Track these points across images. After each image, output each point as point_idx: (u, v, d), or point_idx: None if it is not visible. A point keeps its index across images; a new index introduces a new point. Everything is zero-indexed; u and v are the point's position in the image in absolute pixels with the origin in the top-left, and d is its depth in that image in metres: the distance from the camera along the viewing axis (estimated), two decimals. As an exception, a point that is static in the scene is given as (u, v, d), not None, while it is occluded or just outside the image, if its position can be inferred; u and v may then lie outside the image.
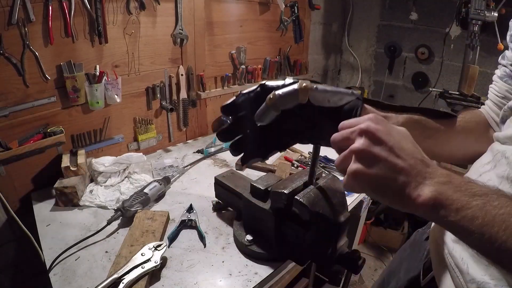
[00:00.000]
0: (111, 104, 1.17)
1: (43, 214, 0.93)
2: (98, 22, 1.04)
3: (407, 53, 2.09)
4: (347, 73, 2.47)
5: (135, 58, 1.20)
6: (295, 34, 1.85)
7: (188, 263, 0.76)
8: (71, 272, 0.72)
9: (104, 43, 1.09)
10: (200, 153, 1.35)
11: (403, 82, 2.16)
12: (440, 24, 1.87)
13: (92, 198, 0.97)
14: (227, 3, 1.47)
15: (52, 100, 1.02)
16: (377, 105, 0.55)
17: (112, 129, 1.22)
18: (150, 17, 1.19)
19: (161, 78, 1.31)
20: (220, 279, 0.72)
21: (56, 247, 0.79)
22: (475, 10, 1.41)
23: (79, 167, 1.00)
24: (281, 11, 1.68)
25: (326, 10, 2.09)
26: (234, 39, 1.55)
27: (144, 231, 0.81)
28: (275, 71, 1.77)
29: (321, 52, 2.24)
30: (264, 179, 0.80)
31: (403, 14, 2.02)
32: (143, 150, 1.33)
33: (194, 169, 1.23)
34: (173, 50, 1.31)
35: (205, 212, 0.95)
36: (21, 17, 0.89)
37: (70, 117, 1.09)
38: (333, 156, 1.31)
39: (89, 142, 1.16)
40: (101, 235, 0.83)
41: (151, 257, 0.70)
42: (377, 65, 2.28)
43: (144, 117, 1.31)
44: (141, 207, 0.91)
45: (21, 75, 0.94)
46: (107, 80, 1.11)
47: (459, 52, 1.80)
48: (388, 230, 2.11)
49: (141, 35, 1.19)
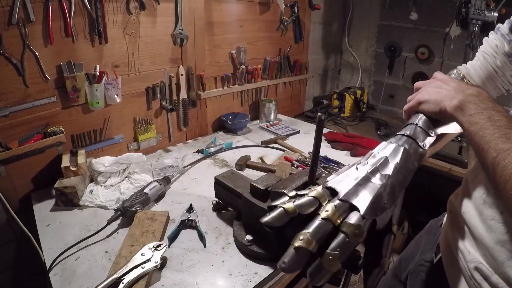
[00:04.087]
0: (111, 104, 1.17)
1: (43, 214, 0.93)
2: (98, 22, 1.04)
3: (407, 53, 2.09)
4: (347, 73, 2.47)
5: (135, 58, 1.20)
6: (295, 34, 1.85)
7: (188, 263, 0.76)
8: (71, 272, 0.72)
9: (104, 43, 1.09)
10: (200, 153, 1.35)
11: (403, 82, 2.16)
12: (440, 24, 1.87)
13: (92, 198, 0.97)
14: (227, 3, 1.47)
15: (52, 100, 1.02)
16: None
17: (112, 129, 1.22)
18: (150, 17, 1.19)
19: (161, 78, 1.31)
20: (220, 279, 0.72)
21: (56, 247, 0.79)
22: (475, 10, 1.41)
23: (79, 167, 1.00)
24: (281, 11, 1.68)
25: (326, 10, 2.09)
26: (234, 39, 1.55)
27: (144, 231, 0.81)
28: (275, 71, 1.77)
29: (321, 52, 2.24)
30: (264, 179, 0.80)
31: (403, 14, 2.02)
32: (143, 150, 1.33)
33: (194, 169, 1.23)
34: (173, 50, 1.31)
35: (205, 212, 0.95)
36: (21, 17, 0.89)
37: (70, 117, 1.09)
38: (333, 157, 1.31)
39: (89, 142, 1.16)
40: (101, 235, 0.83)
41: (151, 257, 0.70)
42: (377, 65, 2.28)
43: (144, 117, 1.31)
44: (141, 207, 0.91)
45: (21, 75, 0.94)
46: (107, 80, 1.11)
47: (459, 52, 1.80)
48: (388, 230, 2.10)
49: (141, 35, 1.19)
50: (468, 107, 0.44)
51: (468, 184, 0.57)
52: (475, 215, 0.51)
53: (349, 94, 2.08)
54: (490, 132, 0.41)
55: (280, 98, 1.89)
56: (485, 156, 0.41)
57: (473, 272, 0.49)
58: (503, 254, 0.44)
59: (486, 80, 0.60)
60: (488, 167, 0.40)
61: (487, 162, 0.41)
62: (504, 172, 0.38)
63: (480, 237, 0.48)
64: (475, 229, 0.50)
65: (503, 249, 0.44)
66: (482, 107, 0.44)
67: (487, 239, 0.47)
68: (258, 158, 1.32)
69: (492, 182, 0.41)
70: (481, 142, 0.41)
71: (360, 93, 2.13)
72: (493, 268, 0.46)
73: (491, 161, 0.40)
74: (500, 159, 0.38)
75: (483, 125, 0.42)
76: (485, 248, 0.47)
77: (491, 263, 0.47)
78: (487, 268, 0.47)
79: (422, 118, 0.51)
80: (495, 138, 0.40)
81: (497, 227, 0.46)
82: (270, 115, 1.74)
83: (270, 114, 1.74)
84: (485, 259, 0.48)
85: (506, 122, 0.41)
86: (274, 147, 1.45)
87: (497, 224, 0.46)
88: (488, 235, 0.47)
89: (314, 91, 2.34)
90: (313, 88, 2.31)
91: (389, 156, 0.46)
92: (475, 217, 0.51)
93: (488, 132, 0.41)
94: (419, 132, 0.49)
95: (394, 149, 0.47)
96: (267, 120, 1.74)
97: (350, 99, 2.08)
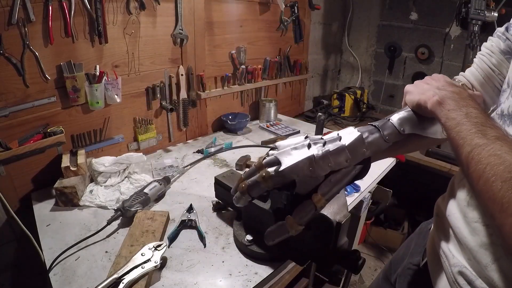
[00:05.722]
0: (111, 104, 1.17)
1: (43, 214, 0.93)
2: (98, 22, 1.04)
3: (407, 53, 2.09)
4: (347, 73, 2.47)
5: (135, 58, 1.20)
6: (295, 34, 1.85)
7: (188, 263, 0.76)
8: (71, 272, 0.72)
9: (104, 43, 1.09)
10: (200, 153, 1.35)
11: (403, 82, 2.16)
12: (440, 24, 1.87)
13: (92, 198, 0.97)
14: (227, 3, 1.47)
15: (52, 100, 1.02)
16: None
17: (112, 129, 1.22)
18: (150, 17, 1.19)
19: (161, 78, 1.31)
20: (220, 279, 0.72)
21: (56, 247, 0.79)
22: (475, 10, 1.41)
23: (79, 167, 1.00)
24: (281, 11, 1.68)
25: (326, 10, 2.09)
26: (234, 39, 1.55)
27: (144, 231, 0.81)
28: (275, 71, 1.77)
29: (321, 52, 2.24)
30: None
31: (403, 14, 2.02)
32: (143, 150, 1.33)
33: (194, 169, 1.23)
34: (173, 50, 1.31)
35: (205, 212, 0.95)
36: (21, 17, 0.89)
37: (70, 117, 1.09)
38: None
39: (89, 142, 1.16)
40: (101, 235, 0.83)
41: (151, 257, 0.70)
42: (377, 65, 2.29)
43: (144, 117, 1.31)
44: (141, 207, 0.91)
45: (21, 75, 0.94)
46: (107, 80, 1.11)
47: (459, 52, 1.80)
48: (388, 230, 2.11)
49: (141, 35, 1.19)
50: (448, 103, 0.45)
51: (454, 186, 0.57)
52: (460, 217, 0.50)
53: (349, 94, 2.08)
54: (467, 127, 0.41)
55: (280, 98, 1.89)
56: (460, 152, 0.41)
57: (457, 276, 0.49)
58: (487, 257, 0.44)
59: (484, 81, 0.60)
60: (463, 162, 0.40)
61: (461, 157, 0.41)
62: (478, 167, 0.37)
63: (464, 240, 0.48)
64: (459, 232, 0.49)
65: (487, 252, 0.44)
66: (461, 104, 0.44)
67: (471, 242, 0.46)
68: (258, 158, 1.32)
69: (467, 177, 0.40)
70: (457, 137, 0.41)
71: (360, 93, 2.13)
72: (477, 272, 0.46)
73: (465, 156, 0.39)
74: (474, 154, 0.38)
75: (460, 120, 0.42)
76: (469, 251, 0.47)
77: (475, 267, 0.46)
78: (471, 272, 0.46)
79: (401, 115, 0.52)
80: (471, 134, 0.40)
81: (481, 229, 0.45)
82: (270, 115, 1.74)
83: (270, 114, 1.74)
84: (469, 263, 0.47)
85: (483, 120, 0.41)
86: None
87: (481, 226, 0.46)
88: (472, 238, 0.47)
89: (314, 91, 2.34)
90: (313, 88, 2.31)
91: (343, 136, 0.50)
92: (459, 220, 0.50)
93: (464, 127, 0.41)
94: (389, 126, 0.51)
95: (351, 132, 0.50)
96: (267, 120, 1.74)
97: (350, 99, 2.08)
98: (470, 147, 0.39)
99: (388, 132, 0.50)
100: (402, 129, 0.50)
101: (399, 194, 2.03)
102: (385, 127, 0.50)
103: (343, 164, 0.48)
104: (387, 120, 0.52)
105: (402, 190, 1.95)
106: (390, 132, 0.50)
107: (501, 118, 0.50)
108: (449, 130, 0.43)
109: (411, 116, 0.52)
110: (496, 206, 0.34)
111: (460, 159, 0.41)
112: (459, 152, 0.41)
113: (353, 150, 0.48)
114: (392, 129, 0.50)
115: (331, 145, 0.48)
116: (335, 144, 0.48)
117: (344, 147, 0.48)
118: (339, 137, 0.49)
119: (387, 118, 0.52)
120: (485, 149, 0.37)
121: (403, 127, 0.50)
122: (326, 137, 0.50)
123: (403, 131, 0.50)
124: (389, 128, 0.50)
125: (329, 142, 0.49)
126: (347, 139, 0.48)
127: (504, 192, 0.33)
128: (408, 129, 0.51)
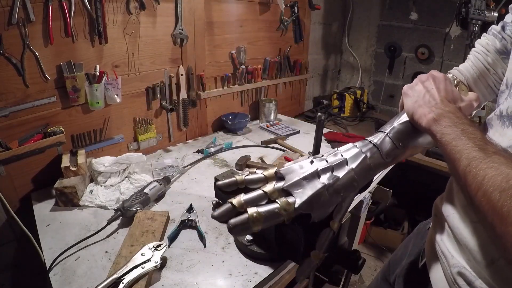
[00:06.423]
0: (111, 104, 1.17)
1: (43, 214, 0.93)
2: (98, 22, 1.04)
3: (407, 53, 2.09)
4: (347, 73, 2.47)
5: (135, 58, 1.20)
6: (295, 34, 1.85)
7: (188, 263, 0.76)
8: (71, 272, 0.72)
9: (104, 43, 1.09)
10: (200, 153, 1.35)
11: (403, 82, 2.16)
12: (440, 24, 1.87)
13: (92, 198, 0.97)
14: (227, 3, 1.47)
15: (52, 100, 1.02)
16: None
17: (112, 129, 1.22)
18: (150, 17, 1.19)
19: (161, 78, 1.31)
20: (220, 279, 0.72)
21: (56, 247, 0.79)
22: (475, 10, 1.41)
23: (79, 167, 1.00)
24: (281, 11, 1.68)
25: (326, 10, 2.09)
26: (234, 39, 1.55)
27: (144, 231, 0.81)
28: (275, 71, 1.77)
29: (321, 52, 2.24)
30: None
31: (403, 14, 2.02)
32: (143, 150, 1.33)
33: (194, 169, 1.23)
34: (173, 50, 1.31)
35: (205, 212, 0.95)
36: (21, 17, 0.89)
37: (70, 117, 1.09)
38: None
39: (89, 142, 1.16)
40: (101, 235, 0.83)
41: (151, 257, 0.70)
42: (377, 65, 2.29)
43: (144, 117, 1.31)
44: (141, 207, 0.91)
45: (21, 75, 0.94)
46: (107, 80, 1.11)
47: (459, 52, 1.80)
48: (388, 230, 2.11)
49: (141, 35, 1.19)
50: (444, 120, 0.45)
51: (452, 187, 0.56)
52: (459, 218, 0.50)
53: (349, 94, 2.08)
54: (463, 142, 0.41)
55: (280, 98, 1.89)
56: (456, 166, 0.41)
57: (456, 277, 0.48)
58: (487, 257, 0.44)
59: (478, 79, 0.60)
60: (460, 176, 0.40)
61: (458, 171, 0.40)
62: (476, 180, 0.37)
63: (463, 241, 0.48)
64: (459, 232, 0.49)
65: (487, 252, 0.44)
66: (457, 121, 0.44)
67: (471, 242, 0.46)
68: (258, 158, 1.32)
69: (464, 191, 0.40)
70: (453, 151, 0.41)
71: (360, 93, 2.13)
72: (476, 273, 0.46)
73: (463, 170, 0.39)
74: (472, 167, 0.38)
75: (457, 135, 0.42)
76: (469, 251, 0.47)
77: (475, 268, 0.46)
78: (470, 273, 0.46)
79: (396, 128, 0.52)
80: (468, 148, 0.40)
81: (481, 230, 0.45)
82: (270, 115, 1.74)
83: (270, 114, 1.74)
84: (468, 264, 0.47)
85: (479, 136, 0.41)
86: (274, 147, 1.45)
87: (482, 227, 0.45)
88: (472, 238, 0.46)
89: (314, 91, 2.34)
90: (313, 88, 2.31)
91: (349, 159, 0.50)
92: (459, 220, 0.50)
93: (461, 142, 0.41)
94: (387, 143, 0.51)
95: (355, 154, 0.51)
96: (267, 120, 1.74)
97: (350, 99, 2.08)
98: (467, 161, 0.39)
99: (386, 150, 0.51)
100: (400, 144, 0.51)
101: (399, 194, 2.03)
102: (384, 145, 0.51)
103: (353, 190, 0.50)
104: (385, 134, 0.53)
105: (402, 190, 1.95)
106: (388, 149, 0.51)
107: (500, 119, 0.50)
108: (444, 146, 0.43)
109: (407, 128, 0.52)
110: (496, 216, 0.34)
111: (456, 173, 0.41)
112: (455, 166, 0.41)
113: (360, 175, 0.50)
114: (390, 145, 0.51)
115: (340, 173, 0.49)
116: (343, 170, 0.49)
117: (354, 175, 0.49)
118: (345, 159, 0.51)
119: (384, 132, 0.53)
120: (483, 162, 0.37)
121: (400, 142, 0.51)
122: (330, 160, 0.51)
123: (401, 146, 0.51)
124: (387, 144, 0.51)
125: (336, 168, 0.50)
126: (352, 162, 0.50)
127: (503, 201, 0.33)
128: (405, 143, 0.52)
